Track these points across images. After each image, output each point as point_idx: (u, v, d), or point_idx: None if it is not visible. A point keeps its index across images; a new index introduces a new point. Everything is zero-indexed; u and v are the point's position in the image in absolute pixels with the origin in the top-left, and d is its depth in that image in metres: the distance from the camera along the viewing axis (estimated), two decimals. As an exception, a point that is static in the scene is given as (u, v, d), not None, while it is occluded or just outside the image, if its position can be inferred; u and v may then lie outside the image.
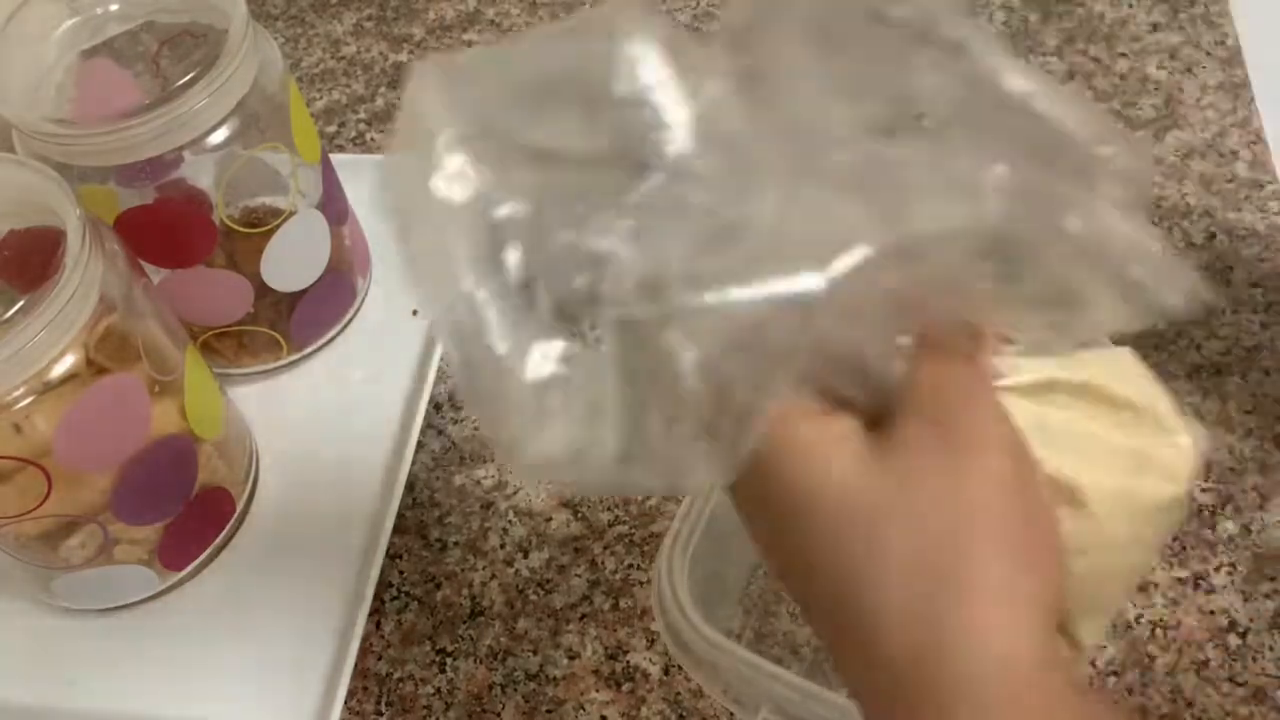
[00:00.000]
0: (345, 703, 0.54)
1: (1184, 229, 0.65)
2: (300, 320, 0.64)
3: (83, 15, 0.57)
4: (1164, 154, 0.69)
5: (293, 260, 0.61)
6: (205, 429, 0.56)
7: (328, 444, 0.62)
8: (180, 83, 0.52)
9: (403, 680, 0.55)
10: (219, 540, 0.59)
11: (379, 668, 0.55)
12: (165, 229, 0.57)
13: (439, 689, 0.54)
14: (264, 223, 0.59)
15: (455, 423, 0.63)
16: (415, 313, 0.67)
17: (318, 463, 0.62)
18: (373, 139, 0.79)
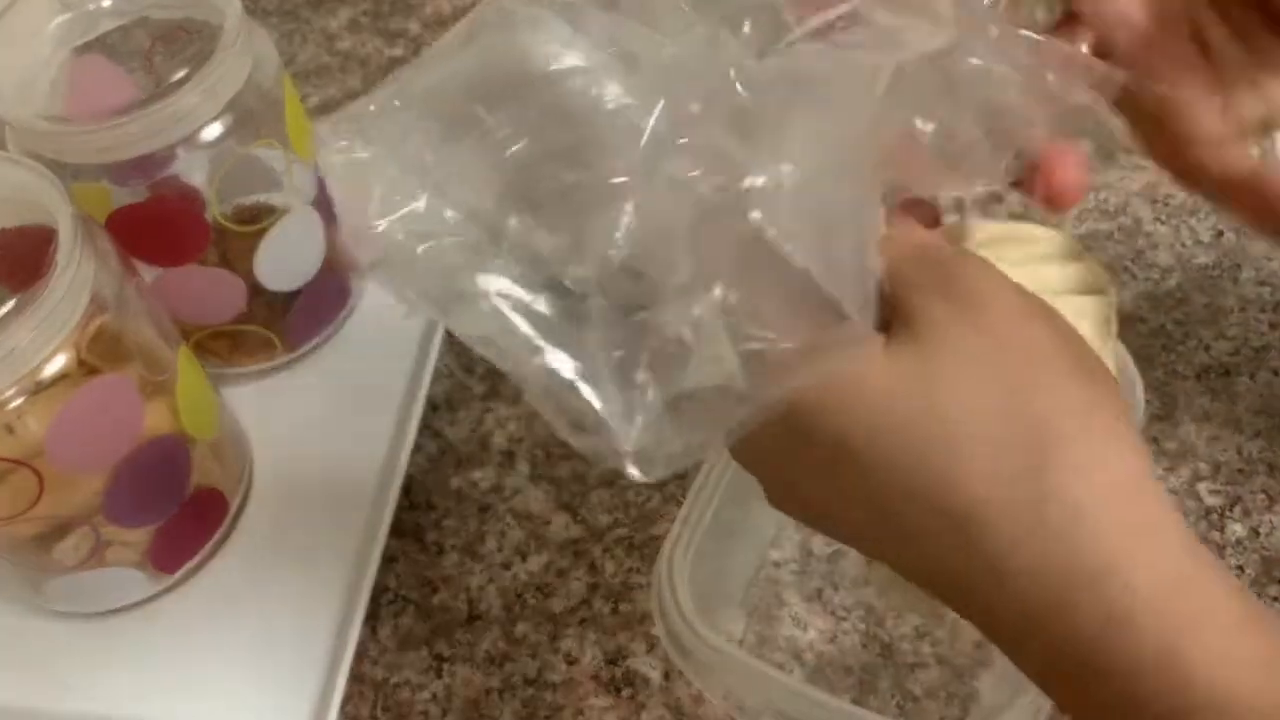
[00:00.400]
0: (341, 708, 0.53)
1: (1191, 227, 0.65)
2: (295, 319, 0.63)
3: (75, 11, 0.57)
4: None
5: (287, 259, 0.61)
6: (199, 429, 0.55)
7: (323, 445, 0.62)
8: (174, 79, 0.52)
9: (399, 686, 0.54)
10: (213, 543, 0.58)
11: (375, 673, 0.55)
12: (158, 227, 0.57)
13: (436, 694, 0.54)
14: (258, 220, 0.58)
15: (452, 424, 0.63)
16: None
17: (313, 464, 0.61)
18: (369, 136, 0.78)
